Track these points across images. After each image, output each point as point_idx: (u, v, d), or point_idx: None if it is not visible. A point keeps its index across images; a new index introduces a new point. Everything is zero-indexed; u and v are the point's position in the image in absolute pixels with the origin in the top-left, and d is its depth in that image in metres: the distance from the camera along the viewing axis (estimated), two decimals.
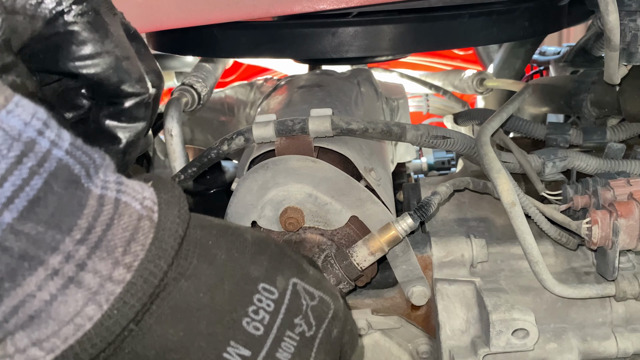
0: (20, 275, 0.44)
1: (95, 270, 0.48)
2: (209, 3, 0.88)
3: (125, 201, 0.51)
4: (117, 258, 0.49)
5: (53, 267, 0.46)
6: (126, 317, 0.50)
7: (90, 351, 0.49)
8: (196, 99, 1.29)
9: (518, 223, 0.94)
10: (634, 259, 1.02)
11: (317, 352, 0.60)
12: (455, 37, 1.14)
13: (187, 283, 0.54)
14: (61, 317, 0.47)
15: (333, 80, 1.35)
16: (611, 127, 1.26)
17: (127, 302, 0.49)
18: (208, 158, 1.06)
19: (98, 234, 0.48)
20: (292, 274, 0.61)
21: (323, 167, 0.98)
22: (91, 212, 0.48)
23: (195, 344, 0.54)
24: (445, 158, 2.21)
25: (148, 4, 0.87)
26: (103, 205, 0.49)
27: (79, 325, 0.48)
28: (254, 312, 0.57)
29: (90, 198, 0.48)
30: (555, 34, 2.99)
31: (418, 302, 1.07)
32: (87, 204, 0.48)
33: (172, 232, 0.53)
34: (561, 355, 0.96)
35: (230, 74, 2.52)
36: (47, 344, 0.48)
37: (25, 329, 0.47)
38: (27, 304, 0.46)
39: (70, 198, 0.47)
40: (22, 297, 0.45)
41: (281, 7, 0.90)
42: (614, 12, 0.96)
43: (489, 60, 2.16)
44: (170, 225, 0.53)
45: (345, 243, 1.02)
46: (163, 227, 0.53)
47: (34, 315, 0.46)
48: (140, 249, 0.50)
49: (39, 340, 0.48)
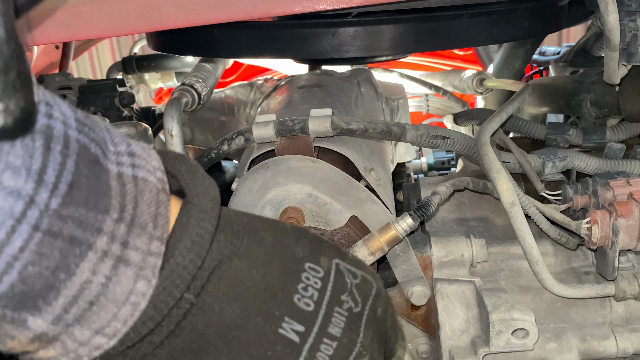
0: (73, 263, 0.44)
1: (136, 246, 0.48)
2: (209, 3, 0.88)
3: (142, 177, 0.51)
4: (150, 233, 0.49)
5: (102, 248, 0.46)
6: (178, 288, 0.51)
7: (151, 326, 0.50)
8: (196, 99, 1.29)
9: (518, 223, 0.94)
10: (634, 259, 1.02)
11: (365, 328, 0.62)
12: (455, 37, 1.14)
13: (241, 262, 0.55)
14: (118, 298, 0.47)
15: (333, 80, 1.36)
16: (611, 127, 1.26)
17: (174, 270, 0.50)
18: (208, 158, 1.06)
19: (130, 212, 0.48)
20: (334, 255, 0.63)
21: (323, 167, 0.98)
22: (117, 192, 0.48)
23: (252, 320, 0.55)
24: (445, 158, 2.21)
25: (148, 4, 0.87)
26: (125, 185, 0.49)
27: (135, 304, 0.48)
28: (304, 289, 0.59)
29: (111, 178, 0.49)
30: (555, 34, 2.99)
31: (418, 302, 1.08)
32: (111, 184, 0.48)
33: (208, 199, 0.54)
34: (561, 355, 0.96)
35: (230, 74, 2.52)
36: (108, 330, 0.48)
37: (84, 320, 0.47)
38: (85, 291, 0.45)
39: (96, 179, 0.47)
40: (79, 284, 0.45)
41: (281, 7, 0.90)
42: (614, 12, 0.96)
43: (488, 61, 2.16)
44: (205, 191, 0.55)
45: (345, 243, 1.02)
46: (198, 194, 0.54)
47: (94, 301, 0.46)
48: (165, 222, 0.51)
49: (101, 327, 0.48)
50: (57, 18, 0.87)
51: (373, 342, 0.62)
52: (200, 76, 1.33)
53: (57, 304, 0.45)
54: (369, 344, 0.62)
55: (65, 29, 0.87)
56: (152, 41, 1.32)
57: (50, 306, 0.44)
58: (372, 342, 0.62)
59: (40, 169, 0.43)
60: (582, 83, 1.36)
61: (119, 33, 0.90)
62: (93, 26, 0.88)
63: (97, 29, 0.88)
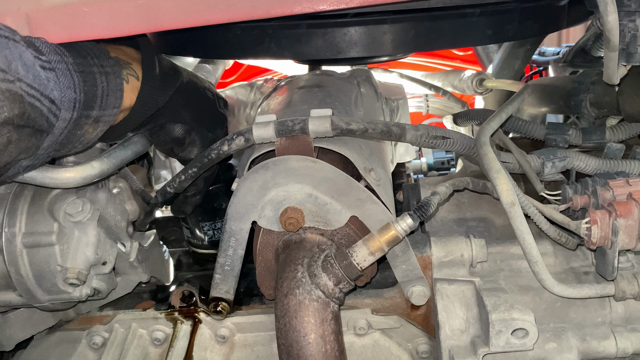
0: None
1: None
2: (209, 4, 0.88)
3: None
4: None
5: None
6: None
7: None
8: None
9: (517, 223, 0.95)
10: (633, 259, 1.02)
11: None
12: (455, 37, 1.14)
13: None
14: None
15: (333, 80, 1.36)
16: (610, 127, 1.27)
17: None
18: (208, 158, 1.06)
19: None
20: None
21: (323, 167, 0.98)
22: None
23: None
24: (444, 158, 2.21)
25: (148, 5, 0.87)
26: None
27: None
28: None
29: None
30: (555, 34, 2.99)
31: (418, 302, 1.08)
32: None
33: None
34: (560, 355, 0.96)
35: (230, 74, 2.52)
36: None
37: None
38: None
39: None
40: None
41: (281, 8, 0.90)
42: (613, 12, 0.96)
43: (488, 61, 2.16)
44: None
45: (345, 243, 1.02)
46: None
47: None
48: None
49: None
50: (57, 18, 0.87)
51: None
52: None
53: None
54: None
55: (65, 29, 0.87)
56: (153, 42, 1.32)
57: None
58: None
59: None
60: (581, 83, 1.36)
61: (119, 33, 0.90)
62: (93, 26, 0.88)
63: (97, 29, 0.88)
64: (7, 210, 1.04)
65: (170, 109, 1.09)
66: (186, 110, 1.13)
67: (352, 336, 1.10)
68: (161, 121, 1.10)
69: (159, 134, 1.12)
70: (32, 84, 0.78)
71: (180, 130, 1.12)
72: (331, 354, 0.92)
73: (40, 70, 0.80)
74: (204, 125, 1.16)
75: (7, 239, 1.03)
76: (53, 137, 0.86)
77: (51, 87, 0.81)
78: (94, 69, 0.90)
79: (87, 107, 0.89)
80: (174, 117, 1.11)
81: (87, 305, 1.19)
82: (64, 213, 1.05)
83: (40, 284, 1.05)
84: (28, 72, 0.77)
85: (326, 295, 0.93)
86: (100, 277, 1.10)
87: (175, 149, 1.15)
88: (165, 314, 1.17)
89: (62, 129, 0.86)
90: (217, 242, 1.19)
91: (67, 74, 0.84)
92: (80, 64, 0.88)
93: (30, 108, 0.78)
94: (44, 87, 0.80)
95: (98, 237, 1.06)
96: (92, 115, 0.90)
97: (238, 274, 1.10)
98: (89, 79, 0.88)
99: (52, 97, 0.81)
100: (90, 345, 1.16)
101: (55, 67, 0.83)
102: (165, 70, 1.07)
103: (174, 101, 1.09)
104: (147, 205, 1.22)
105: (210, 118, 1.19)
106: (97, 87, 0.90)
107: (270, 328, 1.05)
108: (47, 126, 0.83)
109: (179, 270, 1.35)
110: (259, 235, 1.05)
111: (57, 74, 0.83)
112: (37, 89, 0.78)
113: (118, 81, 0.94)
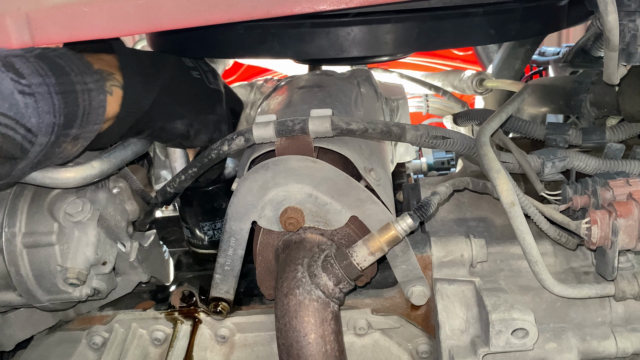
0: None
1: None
2: (209, 4, 0.88)
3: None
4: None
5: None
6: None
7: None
8: None
9: (517, 223, 0.95)
10: (633, 259, 1.02)
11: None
12: (456, 36, 1.14)
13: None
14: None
15: (333, 80, 1.36)
16: (610, 127, 1.27)
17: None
18: (208, 158, 1.06)
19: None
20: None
21: (323, 167, 0.98)
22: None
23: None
24: (444, 158, 2.21)
25: (148, 5, 0.87)
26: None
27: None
28: None
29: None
30: (555, 34, 2.99)
31: (418, 302, 1.08)
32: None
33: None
34: (560, 355, 0.96)
35: (230, 74, 2.52)
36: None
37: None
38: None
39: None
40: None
41: (281, 7, 0.90)
42: (613, 12, 0.96)
43: (488, 61, 2.16)
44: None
45: (345, 243, 1.02)
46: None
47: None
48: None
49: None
50: (57, 18, 0.87)
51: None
52: None
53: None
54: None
55: (66, 29, 0.87)
56: (152, 41, 1.32)
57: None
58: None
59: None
60: (581, 83, 1.36)
61: (119, 33, 0.90)
62: (93, 26, 0.88)
63: (97, 29, 0.88)
64: (7, 210, 1.04)
65: (163, 111, 1.08)
66: (180, 105, 1.11)
67: (352, 336, 1.10)
68: (158, 125, 1.09)
69: (161, 136, 1.12)
70: (7, 113, 0.77)
71: (181, 125, 1.12)
72: (331, 354, 0.92)
73: (19, 97, 0.79)
74: (201, 110, 1.15)
75: (7, 239, 1.03)
76: (28, 160, 0.85)
77: (29, 115, 0.80)
78: (76, 87, 0.88)
79: (67, 127, 0.87)
80: (170, 117, 1.10)
81: (87, 305, 1.19)
82: (64, 213, 1.05)
83: (40, 284, 1.05)
84: (4, 101, 0.77)
85: (326, 295, 0.93)
86: (100, 277, 1.10)
87: (184, 142, 1.16)
88: (165, 314, 1.17)
89: (37, 152, 0.85)
90: (217, 242, 1.19)
91: (47, 98, 0.83)
92: (63, 84, 0.86)
93: (2, 139, 0.77)
94: (20, 115, 0.79)
95: (98, 237, 1.07)
96: (71, 133, 0.89)
97: (238, 274, 1.10)
98: (71, 99, 0.87)
99: (29, 125, 0.80)
100: (90, 345, 1.16)
101: (34, 91, 0.81)
102: (147, 71, 1.06)
103: (164, 102, 1.07)
104: (147, 205, 1.22)
105: (205, 100, 1.18)
106: (79, 107, 0.88)
107: (270, 328, 1.05)
108: (21, 153, 0.82)
109: (179, 270, 1.35)
110: (259, 235, 1.05)
111: (37, 98, 0.81)
112: (12, 117, 0.78)
113: (101, 97, 0.93)
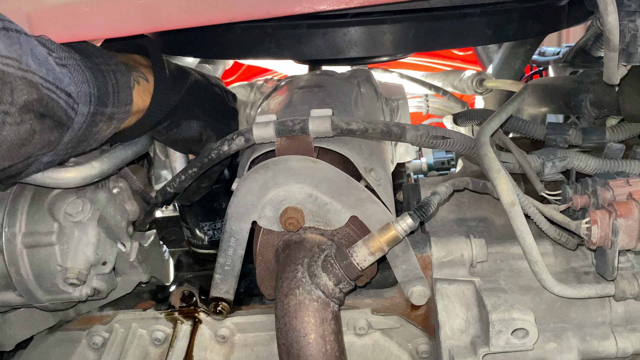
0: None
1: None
2: (209, 4, 0.88)
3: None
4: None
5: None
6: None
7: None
8: None
9: (517, 223, 0.95)
10: (633, 259, 1.02)
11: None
12: (455, 36, 1.15)
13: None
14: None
15: (333, 80, 1.36)
16: (610, 127, 1.27)
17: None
18: (208, 158, 1.06)
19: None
20: None
21: (323, 167, 0.98)
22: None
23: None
24: (444, 158, 2.21)
25: (149, 5, 0.87)
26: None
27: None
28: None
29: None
30: (555, 34, 2.99)
31: (418, 302, 1.08)
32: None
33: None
34: (560, 355, 0.96)
35: (230, 74, 2.52)
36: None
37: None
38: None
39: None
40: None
41: (281, 8, 0.90)
42: (614, 12, 0.96)
43: (488, 61, 2.16)
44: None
45: (345, 243, 1.02)
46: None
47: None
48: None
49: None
50: (57, 18, 0.87)
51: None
52: None
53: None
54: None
55: (66, 29, 0.87)
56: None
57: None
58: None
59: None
60: (581, 83, 1.36)
61: (119, 33, 0.90)
62: (93, 26, 0.88)
63: (97, 29, 0.88)
64: (7, 210, 1.04)
65: (183, 107, 1.12)
66: (199, 108, 1.16)
67: (352, 336, 1.10)
68: (177, 118, 1.12)
69: (176, 131, 1.14)
70: (47, 77, 0.77)
71: (196, 126, 1.16)
72: (331, 354, 0.92)
73: (54, 65, 0.80)
74: (217, 119, 1.20)
75: (7, 239, 1.03)
76: (73, 132, 0.86)
77: (67, 82, 0.81)
78: (101, 67, 0.91)
79: (101, 103, 0.89)
80: (188, 114, 1.14)
81: (87, 305, 1.19)
82: (64, 213, 1.05)
83: (40, 284, 1.05)
84: (41, 65, 0.77)
85: (326, 295, 0.93)
86: (100, 277, 1.10)
87: (194, 147, 1.18)
88: (165, 314, 1.17)
89: (80, 123, 0.86)
90: (217, 242, 1.19)
91: (79, 70, 0.85)
92: (87, 62, 0.88)
93: (47, 98, 0.77)
94: (59, 81, 0.79)
95: (98, 237, 1.07)
96: (106, 112, 0.91)
97: (238, 274, 1.10)
98: (99, 76, 0.89)
99: (69, 90, 0.81)
100: (90, 345, 1.16)
101: (66, 63, 0.83)
102: (174, 72, 1.10)
103: (186, 100, 1.12)
104: (147, 205, 1.22)
105: (223, 112, 1.24)
106: (108, 84, 0.91)
107: (270, 328, 1.05)
108: (67, 119, 0.83)
109: (179, 270, 1.35)
110: (259, 235, 1.05)
111: (70, 69, 0.83)
112: (52, 82, 0.78)
113: (125, 79, 0.95)
